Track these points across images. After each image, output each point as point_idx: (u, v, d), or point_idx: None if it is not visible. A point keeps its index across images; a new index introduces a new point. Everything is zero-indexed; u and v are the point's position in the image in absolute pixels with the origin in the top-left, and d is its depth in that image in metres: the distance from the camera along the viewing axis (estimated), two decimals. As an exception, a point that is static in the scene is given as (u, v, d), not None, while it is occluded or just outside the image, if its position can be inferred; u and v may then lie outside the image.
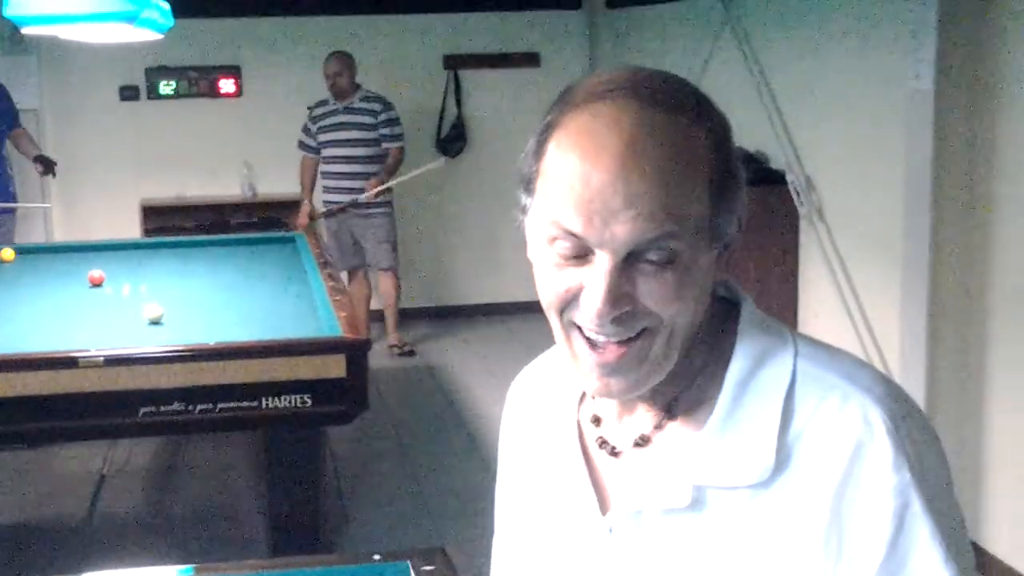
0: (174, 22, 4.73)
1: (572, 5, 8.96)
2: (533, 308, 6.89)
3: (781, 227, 5.89)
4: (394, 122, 7.81)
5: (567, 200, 1.12)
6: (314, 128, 7.86)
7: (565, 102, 1.18)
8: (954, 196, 4.55)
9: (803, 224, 5.87)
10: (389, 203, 7.97)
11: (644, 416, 1.25)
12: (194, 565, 2.80)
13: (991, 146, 4.41)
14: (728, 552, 1.17)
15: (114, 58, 7.98)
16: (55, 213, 8.35)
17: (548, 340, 1.36)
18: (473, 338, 8.46)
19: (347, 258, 7.86)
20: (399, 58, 8.73)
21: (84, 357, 4.16)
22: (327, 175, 7.90)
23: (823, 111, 5.71)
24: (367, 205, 7.81)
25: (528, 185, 1.20)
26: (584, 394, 1.32)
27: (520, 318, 8.73)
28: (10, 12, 4.35)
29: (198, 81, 8.56)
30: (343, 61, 7.75)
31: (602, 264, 1.12)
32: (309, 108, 7.92)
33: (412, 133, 8.45)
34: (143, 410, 4.20)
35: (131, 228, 8.23)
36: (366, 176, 7.79)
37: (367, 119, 7.76)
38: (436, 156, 8.76)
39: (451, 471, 5.87)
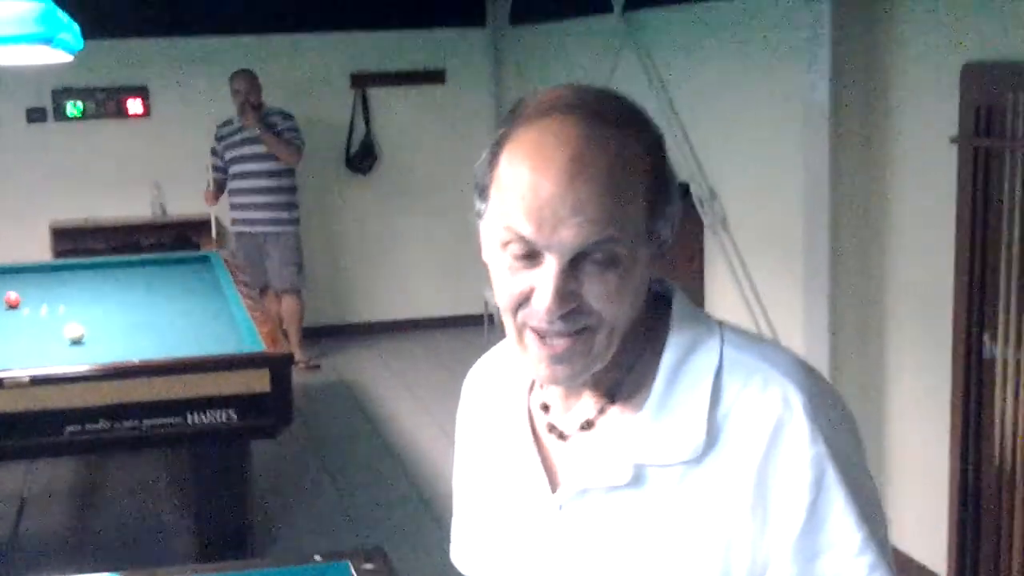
0: (83, 43, 4.78)
1: (476, 22, 9.12)
2: (443, 324, 7.07)
3: (686, 236, 6.08)
4: (294, 130, 7.90)
5: (518, 208, 1.24)
6: (220, 147, 7.94)
7: (516, 117, 1.29)
8: (851, 203, 4.75)
9: (707, 233, 6.06)
10: (295, 221, 8.06)
11: (588, 402, 1.37)
12: (122, 572, 2.81)
13: (886, 153, 4.63)
14: (666, 524, 1.30)
15: (20, 80, 7.94)
16: (-38, 237, 8.27)
17: (459, 353, 1.50)
18: (385, 353, 8.54)
19: (258, 276, 7.89)
20: (306, 77, 8.80)
21: (9, 378, 4.20)
22: (235, 192, 7.97)
23: (724, 123, 5.91)
24: (275, 223, 7.90)
25: (483, 192, 1.31)
26: (534, 384, 1.45)
27: (430, 333, 8.87)
28: (-78, 36, 4.38)
29: (105, 102, 8.54)
30: (250, 78, 7.83)
31: (550, 266, 1.24)
32: (217, 128, 7.98)
33: (321, 151, 8.56)
34: (69, 428, 4.24)
35: (41, 251, 8.19)
36: (274, 191, 7.88)
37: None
38: (345, 174, 8.86)
39: (374, 482, 5.97)
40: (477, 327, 8.40)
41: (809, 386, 1.29)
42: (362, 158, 8.92)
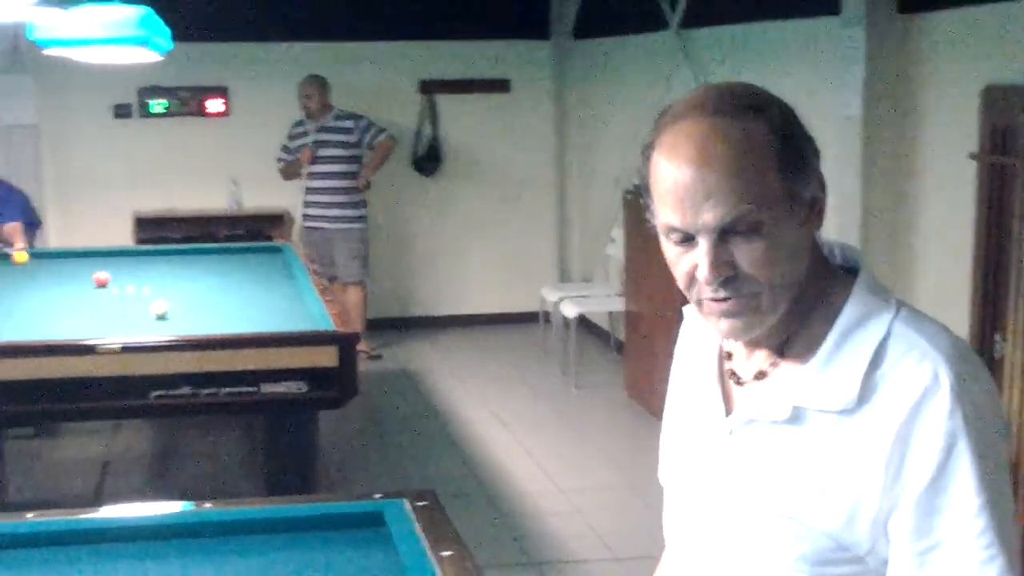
0: (173, 45, 5.18)
1: (541, 35, 9.54)
2: (500, 320, 7.55)
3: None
4: (373, 124, 8.39)
5: (666, 201, 1.47)
6: (292, 146, 8.41)
7: (659, 125, 1.52)
8: (880, 212, 5.10)
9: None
10: (363, 218, 8.50)
11: (762, 355, 1.59)
12: (196, 502, 3.11)
13: (912, 165, 4.98)
14: (814, 462, 1.50)
15: (108, 77, 8.34)
16: (51, 225, 8.75)
17: (514, 348, 1.82)
18: (444, 346, 8.95)
19: (326, 268, 8.31)
20: (378, 83, 9.25)
21: (102, 344, 4.60)
22: (307, 190, 8.43)
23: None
24: (343, 220, 8.35)
25: (648, 193, 1.53)
26: None
27: (488, 329, 9.29)
28: (36, 35, 4.81)
29: (188, 100, 9.04)
30: (313, 84, 8.32)
31: (702, 245, 1.46)
32: (291, 127, 8.46)
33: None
34: (154, 393, 4.63)
35: (124, 238, 8.65)
36: (342, 191, 8.33)
37: (342, 137, 8.32)
38: (411, 175, 9.30)
39: (427, 456, 6.41)
40: (533, 324, 8.78)
41: (960, 368, 1.45)
42: (428, 160, 9.37)
